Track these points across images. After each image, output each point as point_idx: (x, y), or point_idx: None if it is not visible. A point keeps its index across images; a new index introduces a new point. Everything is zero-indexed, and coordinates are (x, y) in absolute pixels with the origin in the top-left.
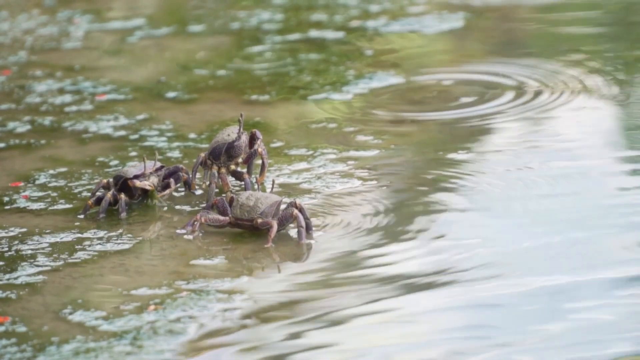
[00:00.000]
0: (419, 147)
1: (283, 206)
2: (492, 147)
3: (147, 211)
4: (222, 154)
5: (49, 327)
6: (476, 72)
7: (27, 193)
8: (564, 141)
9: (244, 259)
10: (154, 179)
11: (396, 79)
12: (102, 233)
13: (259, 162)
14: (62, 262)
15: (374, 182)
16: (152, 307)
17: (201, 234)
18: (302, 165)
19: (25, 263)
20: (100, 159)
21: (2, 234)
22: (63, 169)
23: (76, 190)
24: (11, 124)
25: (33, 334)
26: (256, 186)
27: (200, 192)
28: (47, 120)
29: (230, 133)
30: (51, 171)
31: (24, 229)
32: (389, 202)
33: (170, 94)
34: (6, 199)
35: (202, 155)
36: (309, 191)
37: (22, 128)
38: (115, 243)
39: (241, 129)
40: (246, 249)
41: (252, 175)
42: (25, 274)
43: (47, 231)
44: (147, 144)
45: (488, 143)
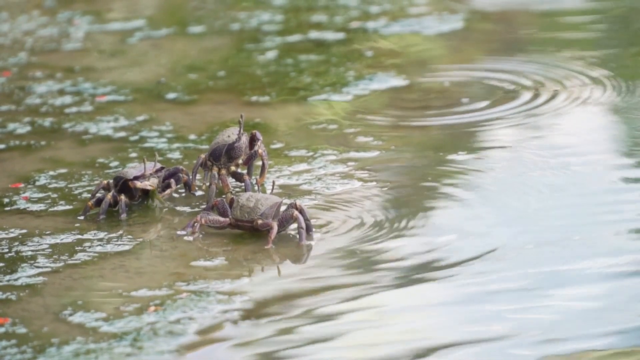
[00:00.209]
0: (419, 148)
1: (283, 207)
2: (492, 148)
3: (147, 212)
4: (223, 155)
5: (49, 328)
6: (476, 73)
7: (27, 194)
8: (564, 141)
9: (244, 260)
10: (154, 180)
11: (396, 80)
12: (102, 234)
13: (259, 163)
14: (62, 264)
15: (374, 183)
16: (152, 308)
17: (201, 235)
18: (302, 166)
19: (25, 264)
20: (101, 160)
21: (3, 235)
22: (63, 170)
23: (76, 192)
24: (11, 125)
25: (33, 335)
26: (256, 187)
27: (200, 193)
28: (47, 122)
29: (230, 134)
30: (51, 172)
31: (24, 230)
32: (389, 203)
33: (171, 95)
34: (6, 200)
35: (202, 156)
36: (309, 192)
37: (22, 129)
38: (116, 244)
39: (241, 130)
40: (246, 250)
41: (253, 177)
42: (25, 275)
43: (47, 232)
44: (147, 145)
45: (488, 144)
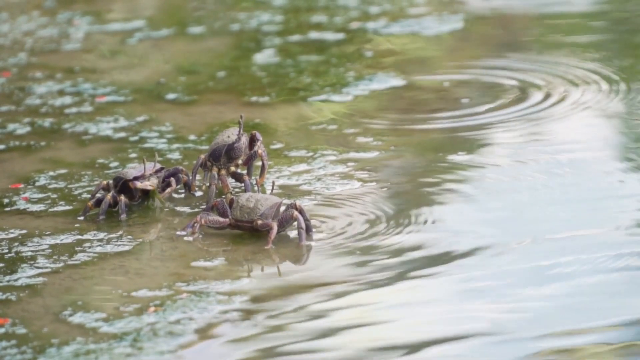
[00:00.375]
0: (419, 149)
1: (283, 208)
2: (492, 149)
3: (147, 213)
4: (222, 156)
5: (49, 328)
6: (476, 74)
7: (27, 195)
8: (565, 142)
9: (244, 261)
10: (154, 181)
11: (396, 81)
12: (102, 235)
13: (259, 163)
14: (62, 264)
15: (374, 183)
16: (152, 308)
17: (201, 235)
18: (302, 166)
19: (25, 265)
20: (100, 160)
21: (2, 235)
22: (63, 171)
23: (76, 192)
24: (11, 126)
25: (33, 335)
26: (256, 188)
27: (200, 193)
28: (47, 122)
29: (230, 135)
30: (51, 173)
31: (24, 231)
32: (389, 203)
33: (170, 96)
34: (6, 200)
35: (202, 156)
36: (309, 193)
37: (22, 130)
38: (115, 245)
39: (241, 131)
40: (246, 251)
41: (252, 177)
42: (25, 275)
43: (47, 233)
44: (147, 145)
45: (488, 145)
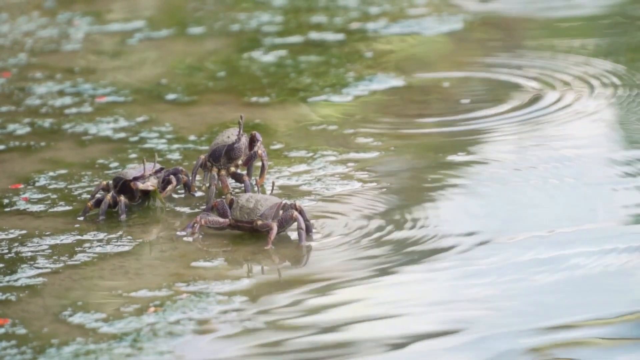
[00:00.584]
0: (419, 149)
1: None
2: (492, 149)
3: (146, 213)
4: (222, 156)
5: (49, 329)
6: (476, 74)
7: (27, 195)
8: (565, 142)
9: (244, 261)
10: (154, 181)
11: (396, 81)
12: (102, 235)
13: (259, 164)
14: (62, 264)
15: (374, 184)
16: (152, 309)
17: (201, 236)
18: (302, 167)
19: (25, 265)
20: (100, 161)
21: (2, 236)
22: (63, 171)
23: (76, 193)
24: (11, 126)
25: (33, 336)
26: (256, 188)
27: (200, 194)
28: (47, 123)
29: (230, 135)
30: (51, 173)
31: (23, 231)
32: (389, 203)
33: (170, 96)
34: (6, 201)
35: (202, 157)
36: (308, 193)
37: (22, 130)
38: (115, 245)
39: (241, 131)
40: (246, 251)
41: (252, 177)
42: (25, 276)
43: (47, 233)
44: (147, 146)
45: (489, 145)
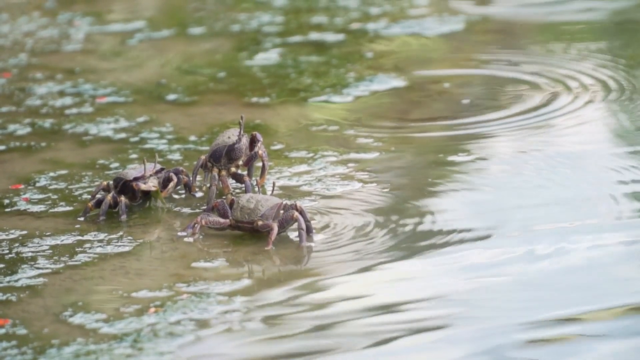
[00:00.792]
0: (420, 149)
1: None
2: (493, 149)
3: (147, 214)
4: (223, 157)
5: (50, 329)
6: (476, 75)
7: (27, 195)
8: (566, 142)
9: (244, 262)
10: (155, 181)
11: (396, 81)
12: (102, 235)
13: (260, 164)
14: (62, 265)
15: (375, 184)
16: (152, 309)
17: (201, 236)
18: (303, 167)
19: (25, 265)
20: (101, 161)
21: (3, 236)
22: (63, 172)
23: (76, 193)
24: (11, 127)
25: (33, 336)
26: (256, 188)
27: (200, 194)
28: (47, 123)
29: (230, 135)
30: (51, 174)
31: (24, 232)
32: (389, 204)
33: (171, 97)
34: (6, 201)
35: (203, 157)
36: (309, 193)
37: (23, 130)
38: (116, 245)
39: (242, 132)
40: (246, 252)
41: (253, 178)
42: (25, 276)
43: (48, 234)
44: (147, 146)
45: (489, 145)
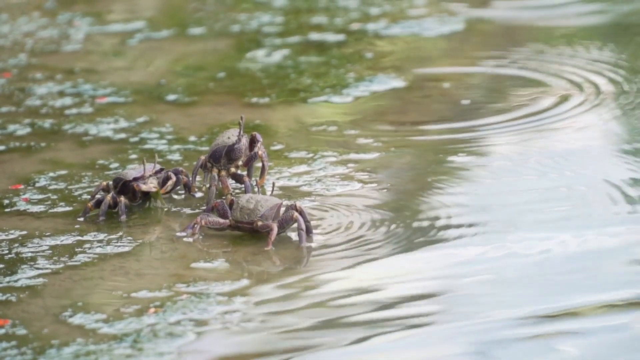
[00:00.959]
0: (420, 150)
1: (283, 209)
2: (493, 149)
3: (147, 214)
4: (222, 157)
5: (49, 329)
6: (476, 75)
7: (27, 196)
8: (566, 142)
9: (244, 262)
10: (154, 182)
11: (396, 82)
12: (102, 236)
13: (259, 164)
14: (62, 265)
15: (375, 184)
16: (152, 309)
17: (201, 236)
18: (302, 167)
19: (25, 266)
20: (101, 161)
21: (2, 236)
22: (63, 172)
23: (76, 193)
24: (11, 127)
25: (33, 336)
26: (256, 189)
27: (200, 194)
28: (47, 123)
29: (230, 136)
30: (51, 174)
31: (24, 232)
32: (389, 204)
33: (171, 97)
34: (6, 201)
35: (202, 157)
36: (309, 194)
37: (22, 131)
38: (116, 246)
39: (241, 132)
40: (246, 252)
41: (252, 178)
42: (25, 276)
43: (47, 234)
44: (147, 146)
45: (489, 145)
